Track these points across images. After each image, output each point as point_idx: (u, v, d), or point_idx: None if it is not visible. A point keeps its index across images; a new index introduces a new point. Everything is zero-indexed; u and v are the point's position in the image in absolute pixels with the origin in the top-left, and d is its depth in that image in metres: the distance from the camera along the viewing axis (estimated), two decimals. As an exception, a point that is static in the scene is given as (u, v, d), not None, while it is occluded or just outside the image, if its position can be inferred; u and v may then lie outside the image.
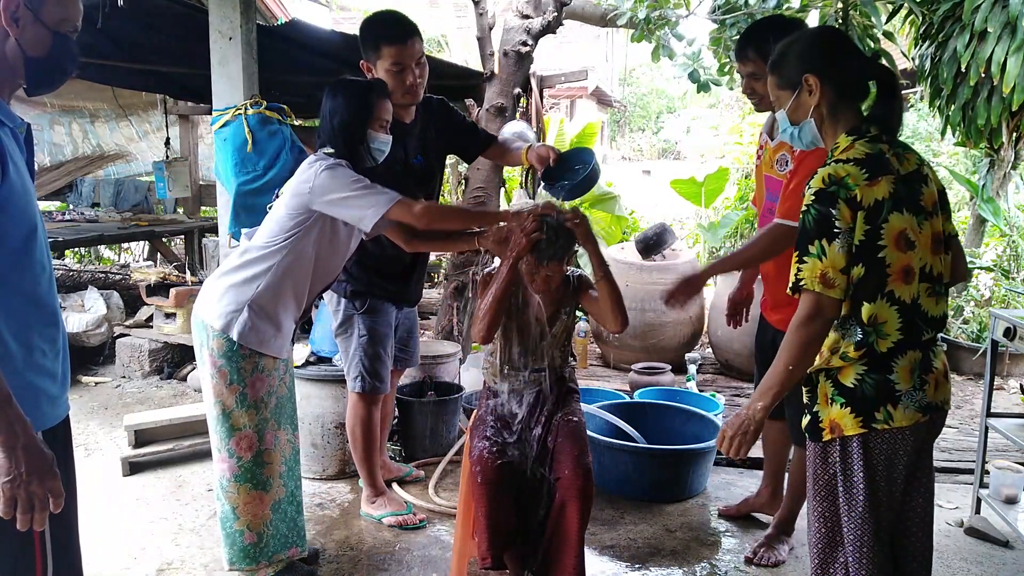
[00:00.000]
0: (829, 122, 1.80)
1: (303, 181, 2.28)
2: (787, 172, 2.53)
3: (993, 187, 5.99)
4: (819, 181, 1.69)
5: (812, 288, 1.67)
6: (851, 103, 1.80)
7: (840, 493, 1.78)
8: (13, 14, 1.43)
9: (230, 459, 2.29)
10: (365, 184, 2.26)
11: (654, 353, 5.08)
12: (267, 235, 2.32)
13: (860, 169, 1.68)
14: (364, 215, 2.23)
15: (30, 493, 1.33)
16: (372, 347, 2.90)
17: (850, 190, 1.66)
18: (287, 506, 2.41)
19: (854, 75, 1.80)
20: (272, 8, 8.20)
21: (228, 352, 2.24)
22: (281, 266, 2.28)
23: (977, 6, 4.84)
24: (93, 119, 7.76)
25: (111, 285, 6.43)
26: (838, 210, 1.65)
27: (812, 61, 1.78)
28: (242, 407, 2.27)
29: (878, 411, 1.72)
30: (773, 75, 1.87)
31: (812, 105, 1.79)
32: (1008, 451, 3.73)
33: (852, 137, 1.75)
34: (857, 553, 1.76)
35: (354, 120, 2.36)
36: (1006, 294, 5.76)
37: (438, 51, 10.87)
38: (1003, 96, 4.87)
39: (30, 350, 1.47)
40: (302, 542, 2.48)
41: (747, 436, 1.75)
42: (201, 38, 3.58)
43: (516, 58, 5.01)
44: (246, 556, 2.32)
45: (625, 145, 22.96)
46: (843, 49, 1.82)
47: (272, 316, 2.29)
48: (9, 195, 1.40)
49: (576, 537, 2.19)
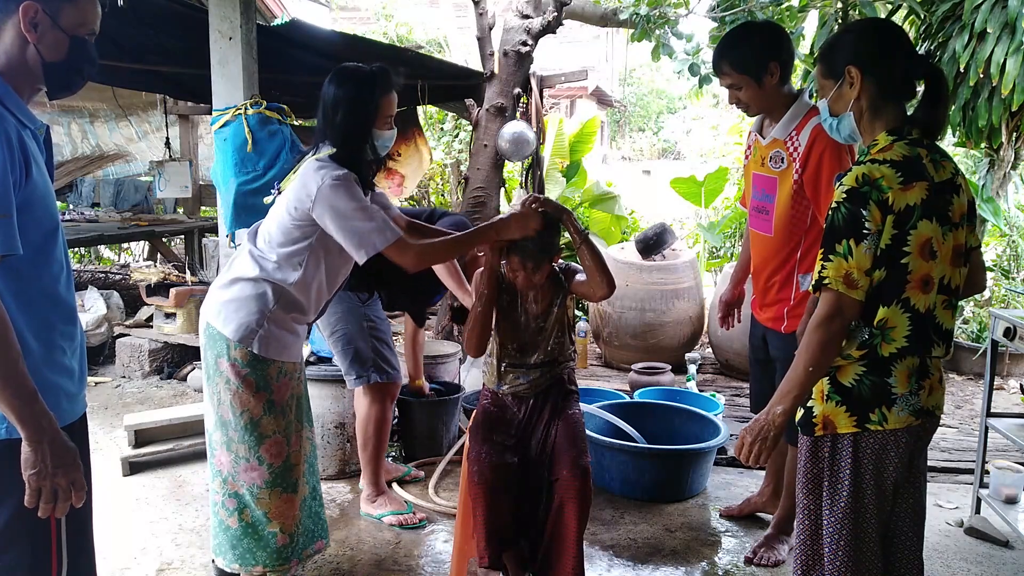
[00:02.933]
0: (869, 118, 1.76)
1: (306, 194, 2.16)
2: (782, 169, 2.53)
3: (993, 187, 5.98)
4: (852, 179, 1.66)
5: (836, 288, 1.64)
6: (895, 101, 1.75)
7: (824, 488, 1.78)
8: (32, 20, 1.46)
9: (260, 467, 2.24)
10: (368, 211, 2.16)
11: (654, 353, 5.08)
12: (276, 245, 2.23)
13: (896, 172, 1.65)
14: (360, 249, 2.14)
15: (55, 485, 1.40)
16: (380, 336, 2.91)
17: (883, 192, 1.63)
18: (311, 502, 2.42)
19: (899, 73, 1.75)
20: (272, 8, 8.20)
21: (253, 361, 2.20)
22: (297, 280, 2.23)
23: (977, 6, 4.85)
24: (93, 119, 7.77)
25: (111, 285, 6.44)
26: (869, 211, 1.62)
27: (856, 53, 1.75)
28: (270, 413, 2.24)
29: (873, 412, 1.71)
30: (821, 64, 1.83)
31: (852, 98, 1.76)
32: (1008, 451, 3.73)
33: (892, 138, 1.71)
34: (833, 547, 1.76)
35: (359, 120, 2.23)
36: (1006, 294, 5.77)
37: (438, 51, 10.86)
38: (1003, 97, 4.88)
39: (50, 348, 1.50)
40: (326, 534, 2.50)
41: (767, 442, 1.72)
42: (201, 38, 3.58)
43: (516, 58, 5.02)
44: (279, 557, 2.31)
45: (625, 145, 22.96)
46: (894, 45, 1.77)
47: (290, 325, 2.26)
48: (32, 195, 1.43)
49: (575, 537, 2.19)
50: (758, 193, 2.65)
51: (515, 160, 5.21)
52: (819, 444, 1.78)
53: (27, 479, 1.39)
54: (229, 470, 2.27)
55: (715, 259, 7.95)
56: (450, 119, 8.62)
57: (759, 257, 2.69)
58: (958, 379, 5.33)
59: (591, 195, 7.64)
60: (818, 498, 1.80)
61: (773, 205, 2.57)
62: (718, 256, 8.04)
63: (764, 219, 2.62)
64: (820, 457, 1.79)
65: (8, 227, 1.36)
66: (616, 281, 2.35)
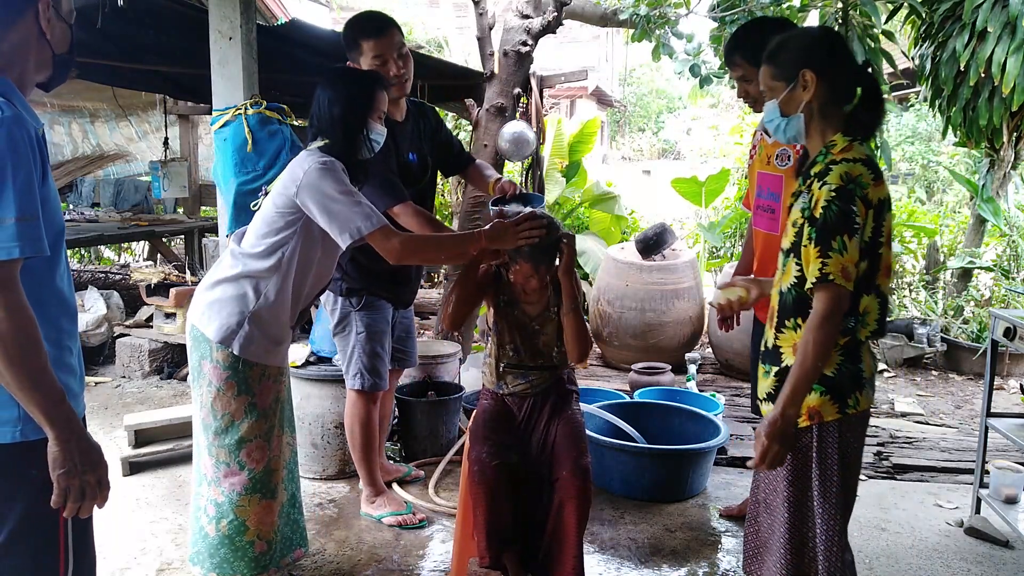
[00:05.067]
0: (818, 120, 1.85)
1: (291, 179, 2.17)
2: (788, 167, 2.52)
3: (993, 187, 5.99)
4: (837, 178, 1.74)
5: (839, 282, 1.71)
6: (839, 105, 1.85)
7: (814, 478, 1.85)
8: (46, 14, 1.47)
9: (241, 472, 2.22)
10: (354, 196, 2.16)
11: (654, 353, 5.08)
12: (258, 238, 2.21)
13: (868, 170, 1.76)
14: (343, 233, 2.12)
15: (83, 483, 1.41)
16: (370, 344, 2.90)
17: (863, 188, 1.74)
18: (289, 509, 2.39)
19: (847, 79, 1.85)
20: (272, 8, 8.21)
21: (234, 364, 2.18)
22: (278, 274, 2.20)
23: (977, 6, 4.85)
24: (93, 119, 7.77)
25: (111, 285, 6.44)
26: (856, 207, 1.72)
27: (812, 58, 1.82)
28: (251, 417, 2.22)
29: (850, 397, 1.82)
30: (768, 65, 1.90)
31: (804, 100, 1.83)
32: (1008, 451, 3.73)
33: (849, 138, 1.81)
34: (829, 533, 1.84)
35: (355, 109, 2.28)
36: (1006, 294, 5.77)
37: (438, 51, 10.86)
38: (1003, 96, 4.88)
39: (59, 348, 1.51)
40: (304, 542, 2.48)
41: (787, 442, 1.77)
42: (201, 38, 3.58)
43: (516, 58, 5.01)
44: (258, 565, 2.29)
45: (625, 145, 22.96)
46: (842, 52, 1.88)
47: (272, 327, 2.23)
48: (47, 195, 1.44)
49: (575, 537, 2.19)
50: (764, 192, 2.65)
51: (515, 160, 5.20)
52: (801, 435, 1.85)
53: (56, 479, 1.39)
54: (212, 475, 2.25)
55: (715, 259, 7.95)
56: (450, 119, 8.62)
57: (765, 256, 2.69)
58: (958, 379, 5.33)
59: (591, 195, 7.64)
60: (805, 488, 1.87)
61: (779, 204, 2.57)
62: (718, 256, 8.05)
63: (770, 218, 2.62)
64: (802, 447, 1.86)
65: (35, 228, 1.36)
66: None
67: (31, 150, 1.38)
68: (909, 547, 2.91)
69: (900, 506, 3.25)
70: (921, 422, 4.42)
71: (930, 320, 5.72)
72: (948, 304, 6.02)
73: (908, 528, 3.06)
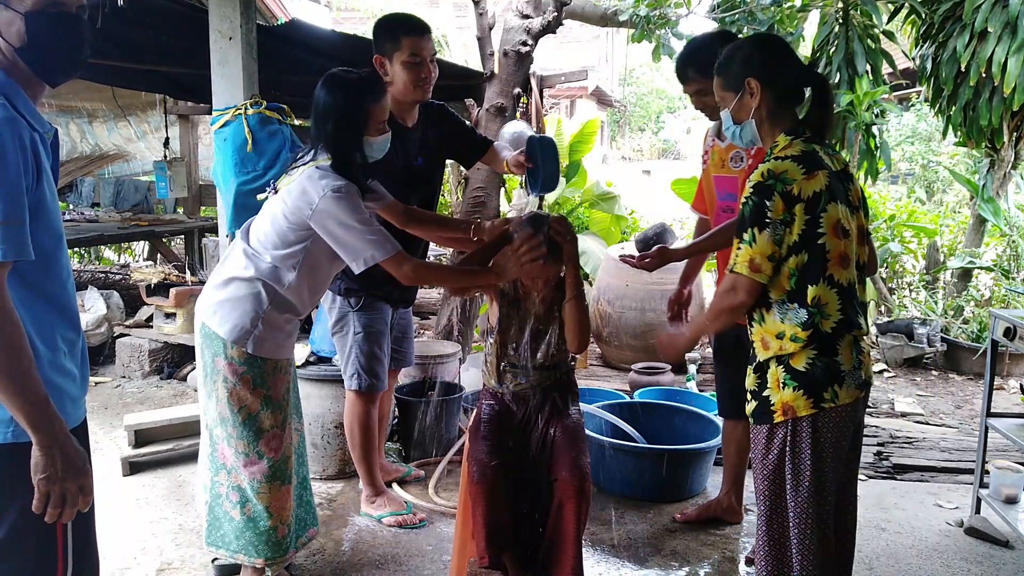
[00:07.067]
0: (768, 123, 1.96)
1: (306, 202, 2.18)
2: (742, 168, 2.62)
3: (993, 187, 5.99)
4: (758, 175, 1.85)
5: (740, 271, 1.86)
6: (788, 107, 1.96)
7: (787, 471, 1.90)
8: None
9: (260, 461, 2.29)
10: (368, 223, 2.20)
11: (654, 353, 5.06)
12: (270, 245, 2.26)
13: (798, 165, 1.84)
14: (357, 259, 2.20)
15: (64, 489, 1.41)
16: (368, 344, 2.90)
17: (787, 184, 1.82)
18: (301, 490, 2.48)
19: (792, 82, 1.97)
20: (272, 8, 8.21)
21: (249, 360, 2.24)
22: (290, 280, 2.26)
23: (977, 6, 4.85)
24: (91, 119, 7.76)
25: (111, 285, 6.44)
26: (772, 202, 1.82)
27: (754, 67, 1.94)
28: (267, 408, 2.28)
29: (826, 391, 1.86)
30: (719, 77, 2.02)
31: (753, 107, 1.95)
32: (1008, 451, 3.73)
33: (790, 137, 1.91)
34: (802, 527, 1.88)
35: (348, 128, 2.26)
36: (1006, 294, 5.77)
37: (438, 51, 10.87)
38: (1004, 96, 4.88)
39: (55, 351, 1.50)
40: (316, 521, 2.59)
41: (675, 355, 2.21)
42: (201, 38, 3.58)
43: (516, 58, 5.01)
44: (280, 548, 2.36)
45: (625, 145, 22.98)
46: (783, 57, 1.98)
47: (283, 325, 2.31)
48: (42, 200, 1.43)
49: (574, 537, 2.19)
50: (722, 194, 2.74)
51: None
52: (775, 431, 1.91)
53: (36, 484, 1.39)
54: (232, 463, 2.31)
55: (714, 259, 7.93)
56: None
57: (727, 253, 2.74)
58: (958, 379, 5.33)
59: (591, 195, 7.64)
60: (780, 483, 1.92)
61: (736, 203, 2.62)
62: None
63: (730, 218, 2.68)
64: (776, 443, 1.91)
65: (20, 233, 1.35)
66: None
67: (23, 153, 1.36)
68: (909, 547, 2.92)
69: (900, 506, 3.25)
70: (921, 422, 4.42)
71: (930, 320, 5.72)
72: (948, 304, 6.02)
73: (908, 528, 3.06)
